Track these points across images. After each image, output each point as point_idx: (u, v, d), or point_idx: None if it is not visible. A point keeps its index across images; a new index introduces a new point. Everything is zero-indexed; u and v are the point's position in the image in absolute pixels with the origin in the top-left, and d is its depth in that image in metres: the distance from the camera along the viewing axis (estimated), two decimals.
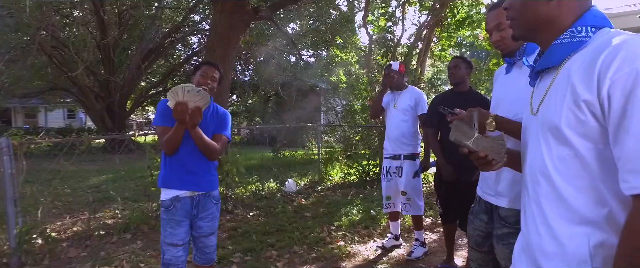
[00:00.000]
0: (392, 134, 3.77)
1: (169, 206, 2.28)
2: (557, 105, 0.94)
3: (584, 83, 0.88)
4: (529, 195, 1.06)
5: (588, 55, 0.90)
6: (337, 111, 11.52)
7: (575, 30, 0.96)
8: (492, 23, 1.83)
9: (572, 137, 0.90)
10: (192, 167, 2.31)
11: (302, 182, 7.47)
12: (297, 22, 11.98)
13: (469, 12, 8.22)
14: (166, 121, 2.29)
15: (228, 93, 4.73)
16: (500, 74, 1.95)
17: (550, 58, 1.01)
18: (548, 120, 0.97)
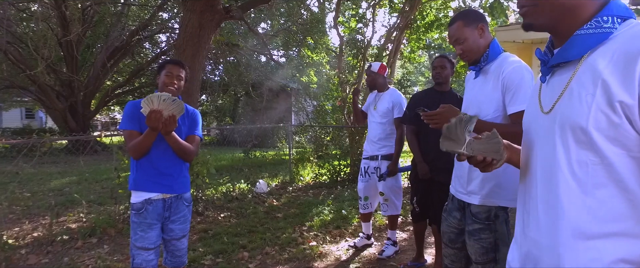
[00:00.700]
0: (371, 135, 3.82)
1: (140, 209, 2.23)
2: (583, 104, 0.82)
3: (621, 81, 0.77)
4: (539, 200, 0.95)
5: (620, 49, 0.80)
6: (307, 112, 11.56)
7: (601, 20, 0.85)
8: (452, 38, 1.93)
9: (600, 141, 0.80)
10: (165, 168, 2.27)
11: (273, 182, 7.45)
12: (268, 22, 11.92)
13: (438, 15, 8.43)
14: (134, 125, 2.23)
15: (198, 93, 4.65)
16: (470, 78, 2.05)
17: (570, 50, 0.88)
18: (570, 120, 0.85)
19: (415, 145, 3.27)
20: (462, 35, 1.88)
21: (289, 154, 8.25)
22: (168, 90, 2.27)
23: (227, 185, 6.38)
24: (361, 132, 7.57)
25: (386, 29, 8.86)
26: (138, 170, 2.26)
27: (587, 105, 0.81)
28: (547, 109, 0.94)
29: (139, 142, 2.16)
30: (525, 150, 1.06)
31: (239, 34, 10.81)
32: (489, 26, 1.96)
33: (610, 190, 0.81)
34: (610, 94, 0.78)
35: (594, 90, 0.81)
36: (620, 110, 0.77)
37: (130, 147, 2.20)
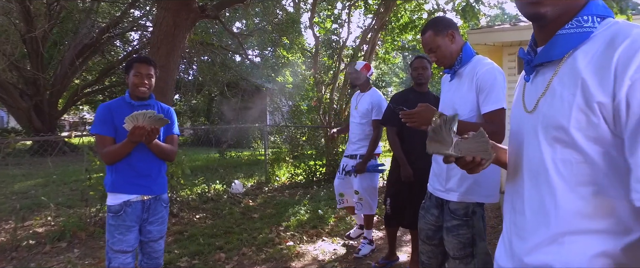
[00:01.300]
0: (351, 135, 3.88)
1: (118, 211, 2.19)
2: (564, 103, 0.84)
3: (598, 81, 0.78)
4: (525, 198, 0.97)
5: (599, 48, 0.81)
6: (283, 112, 11.54)
7: (582, 19, 0.86)
8: (426, 47, 2.03)
9: (582, 140, 0.81)
10: (144, 170, 2.24)
11: (249, 183, 7.41)
12: (243, 21, 11.82)
13: (412, 16, 8.58)
14: (107, 129, 2.18)
15: (173, 92, 4.58)
16: (446, 81, 2.13)
17: (553, 50, 0.89)
18: (552, 119, 0.86)
19: (399, 147, 3.21)
20: (435, 44, 1.97)
21: (265, 154, 8.22)
22: (139, 92, 2.23)
23: (202, 186, 6.30)
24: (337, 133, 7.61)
25: (361, 30, 8.95)
26: (116, 172, 2.21)
27: (569, 105, 0.82)
28: (530, 108, 0.95)
29: (115, 151, 2.13)
30: (512, 150, 1.06)
31: (213, 33, 10.67)
32: (459, 31, 2.03)
33: (594, 188, 0.82)
34: (589, 94, 0.79)
35: (574, 90, 0.82)
36: (598, 110, 0.78)
37: (105, 153, 2.15)
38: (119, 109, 2.23)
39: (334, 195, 6.13)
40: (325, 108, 7.98)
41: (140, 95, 2.26)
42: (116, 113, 2.20)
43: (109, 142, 2.18)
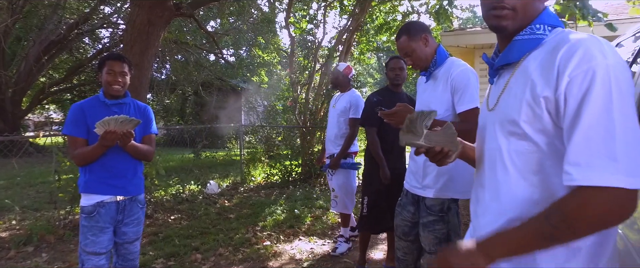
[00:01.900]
0: (329, 134, 3.92)
1: (91, 212, 2.14)
2: (516, 100, 0.94)
3: (544, 79, 0.88)
4: (486, 188, 1.06)
5: (547, 52, 0.91)
6: (258, 112, 11.47)
7: (534, 27, 0.97)
8: (401, 52, 2.10)
9: (531, 132, 0.91)
10: (119, 170, 2.20)
11: (225, 183, 7.34)
12: (217, 20, 11.69)
13: (386, 18, 8.69)
14: (79, 131, 2.13)
15: (147, 91, 4.49)
16: (421, 82, 2.22)
17: (510, 54, 1.00)
18: (508, 114, 0.96)
19: (379, 147, 3.15)
20: (410, 48, 2.05)
21: (240, 154, 8.16)
22: (113, 90, 2.18)
23: (176, 187, 6.20)
24: (312, 133, 7.64)
25: (337, 31, 9.00)
26: (89, 172, 2.17)
27: (519, 101, 0.93)
28: (491, 106, 1.06)
29: (87, 153, 2.08)
30: (477, 145, 1.16)
31: (187, 31, 10.50)
32: (432, 34, 2.11)
33: (542, 176, 0.91)
34: (536, 91, 0.89)
35: (524, 88, 0.92)
36: (543, 104, 0.88)
37: (77, 155, 2.10)
38: (92, 109, 2.18)
39: (310, 195, 6.17)
40: (301, 108, 7.99)
41: (114, 93, 2.20)
42: (89, 113, 2.15)
43: (81, 143, 2.13)
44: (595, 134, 0.79)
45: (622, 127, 0.78)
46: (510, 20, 0.98)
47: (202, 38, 11.51)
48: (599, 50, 0.82)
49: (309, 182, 7.18)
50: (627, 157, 0.77)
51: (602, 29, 3.95)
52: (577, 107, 0.81)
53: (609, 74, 0.80)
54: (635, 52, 1.80)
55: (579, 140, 0.81)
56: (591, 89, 0.80)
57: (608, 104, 0.79)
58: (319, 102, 7.98)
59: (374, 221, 3.23)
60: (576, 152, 0.81)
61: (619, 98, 0.79)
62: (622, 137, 0.77)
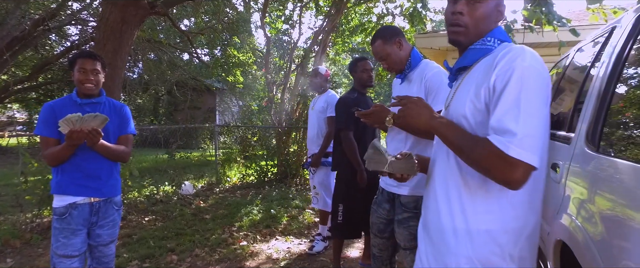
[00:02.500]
0: (310, 134, 4.00)
1: (63, 214, 2.09)
2: (464, 97, 1.16)
3: (485, 76, 1.12)
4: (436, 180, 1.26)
5: (491, 57, 1.15)
6: (233, 112, 11.38)
7: (486, 39, 1.21)
8: (377, 56, 2.17)
9: (474, 123, 1.14)
10: (93, 171, 2.14)
11: (200, 184, 7.26)
12: (191, 19, 11.52)
13: (362, 19, 8.81)
14: (51, 131, 2.08)
15: (120, 91, 4.40)
16: (396, 84, 2.30)
17: (464, 60, 1.24)
18: (456, 110, 1.19)
19: (357, 151, 3.03)
20: (385, 52, 2.12)
21: (216, 155, 8.08)
22: (85, 89, 2.13)
23: (150, 188, 6.10)
24: (288, 133, 7.66)
25: (312, 32, 9.04)
26: (62, 172, 2.11)
27: (466, 97, 1.15)
28: (446, 105, 1.28)
29: (56, 153, 2.04)
30: (436, 141, 1.34)
31: (161, 29, 10.31)
32: (405, 37, 2.19)
33: None
34: (479, 87, 1.12)
35: (470, 86, 1.16)
36: (482, 96, 1.11)
37: (47, 155, 2.06)
38: (63, 109, 2.12)
39: (286, 195, 6.19)
40: (276, 108, 8.00)
41: (87, 92, 2.15)
42: (60, 113, 2.08)
43: (53, 143, 2.07)
44: (506, 111, 1.04)
45: (524, 108, 1.03)
46: (463, 36, 1.22)
47: (176, 37, 11.32)
48: (520, 57, 1.07)
49: (285, 182, 7.20)
50: (522, 131, 1.01)
51: (566, 33, 4.15)
52: (500, 93, 1.06)
53: (522, 73, 1.05)
54: (594, 56, 1.92)
55: (498, 112, 1.05)
56: (509, 82, 1.05)
57: (518, 93, 1.04)
58: (295, 102, 8.00)
59: (352, 227, 3.19)
60: (496, 119, 1.05)
61: (525, 90, 1.04)
62: (522, 115, 1.02)
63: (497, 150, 1.01)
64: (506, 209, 1.12)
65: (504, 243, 1.12)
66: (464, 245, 1.15)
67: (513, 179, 1.01)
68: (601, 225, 1.27)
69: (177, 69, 12.16)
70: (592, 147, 1.49)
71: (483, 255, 1.13)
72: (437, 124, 1.18)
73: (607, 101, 1.51)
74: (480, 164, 1.06)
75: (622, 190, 1.20)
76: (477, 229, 1.14)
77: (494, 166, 1.03)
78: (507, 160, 1.00)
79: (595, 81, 1.69)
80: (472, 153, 1.07)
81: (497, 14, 1.23)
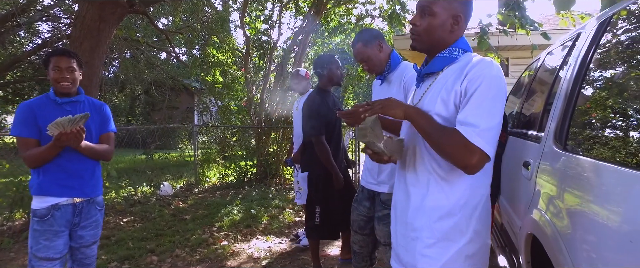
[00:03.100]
0: (295, 132, 4.01)
1: (45, 215, 2.04)
2: (435, 97, 1.35)
3: (455, 81, 1.31)
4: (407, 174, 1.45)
5: (459, 67, 1.34)
6: (212, 112, 11.27)
7: (451, 49, 1.40)
8: (358, 58, 2.24)
9: (441, 121, 1.31)
10: (76, 171, 2.11)
11: (178, 184, 7.19)
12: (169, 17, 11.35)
13: (341, 20, 8.88)
14: (30, 131, 2.02)
15: (97, 90, 4.33)
16: (376, 85, 2.37)
17: (434, 66, 1.41)
18: (427, 108, 1.36)
19: (330, 155, 2.97)
20: (365, 55, 2.19)
21: (195, 155, 8.02)
22: (61, 87, 2.09)
23: (128, 189, 6.00)
24: (268, 133, 7.66)
25: (292, 32, 9.06)
26: (44, 173, 2.06)
27: (436, 97, 1.34)
28: (416, 101, 1.44)
29: (40, 154, 1.99)
30: (408, 136, 1.48)
31: (138, 28, 10.12)
32: (385, 40, 2.26)
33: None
34: (449, 90, 1.31)
35: (440, 90, 1.34)
36: (452, 97, 1.30)
37: (28, 157, 2.01)
38: (42, 108, 2.07)
39: (266, 195, 6.20)
40: (256, 108, 7.98)
41: (63, 90, 2.10)
42: (40, 113, 2.05)
43: (33, 144, 2.02)
44: (473, 109, 1.24)
45: (488, 109, 1.25)
46: (418, 43, 1.43)
47: (153, 35, 11.13)
48: (489, 68, 1.28)
49: (265, 182, 7.21)
50: (485, 125, 1.22)
51: (538, 37, 4.32)
52: (470, 95, 1.26)
53: (490, 81, 1.26)
54: (562, 59, 2.02)
55: (466, 109, 1.25)
56: (479, 87, 1.25)
57: (485, 96, 1.25)
58: (274, 103, 8.01)
59: (330, 228, 3.18)
60: (463, 115, 1.25)
61: (490, 95, 1.26)
62: (486, 113, 1.24)
63: (462, 138, 1.21)
64: (464, 190, 1.34)
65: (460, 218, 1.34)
66: (426, 221, 1.36)
67: (471, 164, 1.22)
68: (568, 220, 1.35)
69: (154, 68, 11.96)
70: (560, 146, 1.59)
71: (443, 230, 1.34)
72: (413, 111, 1.33)
73: (573, 102, 1.60)
74: (445, 149, 1.25)
75: (587, 186, 1.28)
76: (438, 206, 1.35)
77: (457, 151, 1.22)
78: (469, 147, 1.20)
79: (562, 83, 1.78)
80: (440, 139, 1.26)
81: (452, 23, 1.38)
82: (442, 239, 1.33)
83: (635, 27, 1.44)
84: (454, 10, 1.37)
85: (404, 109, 1.33)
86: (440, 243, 1.33)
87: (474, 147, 1.21)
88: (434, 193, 1.35)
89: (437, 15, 1.36)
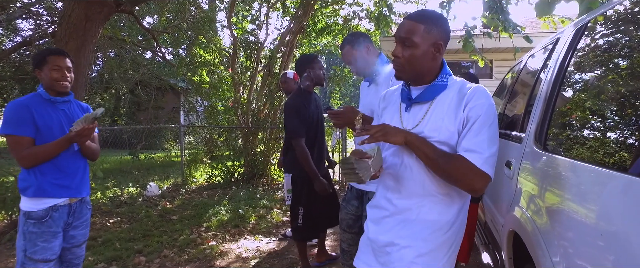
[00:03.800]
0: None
1: (43, 217, 2.03)
2: (436, 126, 1.40)
3: (458, 109, 1.39)
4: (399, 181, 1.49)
5: (455, 93, 1.42)
6: (199, 112, 11.20)
7: (442, 77, 1.45)
8: (346, 60, 2.30)
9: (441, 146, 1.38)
10: (72, 170, 2.12)
11: (165, 185, 7.14)
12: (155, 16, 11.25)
13: (328, 21, 8.92)
14: (26, 130, 1.99)
15: (84, 90, 4.28)
16: (364, 86, 2.41)
17: (429, 94, 1.45)
18: (427, 135, 1.40)
19: (310, 159, 2.99)
20: (353, 57, 2.25)
21: (181, 156, 7.97)
22: (61, 86, 2.10)
23: (114, 190, 5.95)
24: (255, 134, 7.67)
25: (279, 33, 9.06)
26: (41, 174, 2.04)
27: (440, 126, 1.39)
28: (410, 128, 1.45)
29: (43, 152, 1.99)
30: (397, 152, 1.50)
31: (123, 27, 10.01)
32: (372, 42, 2.32)
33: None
34: (453, 119, 1.37)
35: (442, 118, 1.39)
36: (456, 124, 1.37)
37: (27, 156, 1.98)
38: (39, 107, 2.05)
39: (253, 195, 6.21)
40: (243, 109, 7.97)
41: (62, 90, 2.11)
42: (37, 111, 2.03)
43: (29, 143, 2.00)
44: (477, 136, 1.34)
45: (489, 136, 1.34)
46: (402, 74, 1.46)
47: (138, 34, 11.02)
48: (485, 96, 1.37)
49: (252, 182, 7.21)
50: (488, 152, 1.32)
51: (521, 40, 4.43)
52: (473, 122, 1.35)
53: (488, 110, 1.36)
54: (542, 62, 2.10)
55: (470, 137, 1.34)
56: (480, 116, 1.34)
57: (486, 124, 1.34)
58: (261, 103, 8.01)
59: (312, 229, 3.23)
60: (468, 142, 1.34)
61: (490, 122, 1.35)
62: (488, 141, 1.33)
63: (470, 164, 1.30)
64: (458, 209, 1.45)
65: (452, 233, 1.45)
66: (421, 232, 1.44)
67: (478, 188, 1.33)
68: (547, 217, 1.42)
69: (140, 67, 11.84)
70: (540, 146, 1.65)
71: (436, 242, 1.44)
72: (413, 138, 1.39)
73: (553, 104, 1.67)
74: (453, 174, 1.33)
75: (565, 185, 1.35)
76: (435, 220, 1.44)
77: (465, 176, 1.31)
78: (477, 172, 1.30)
79: (543, 85, 1.86)
80: (448, 165, 1.33)
81: (433, 51, 1.42)
82: (435, 250, 1.43)
83: (610, 32, 1.52)
84: (434, 38, 1.40)
85: (404, 136, 1.38)
86: (433, 253, 1.43)
87: (482, 173, 1.30)
88: (432, 209, 1.43)
89: (418, 46, 1.39)
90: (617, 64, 1.40)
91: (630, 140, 1.14)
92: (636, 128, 1.17)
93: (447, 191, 1.43)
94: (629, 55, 1.32)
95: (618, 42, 1.41)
